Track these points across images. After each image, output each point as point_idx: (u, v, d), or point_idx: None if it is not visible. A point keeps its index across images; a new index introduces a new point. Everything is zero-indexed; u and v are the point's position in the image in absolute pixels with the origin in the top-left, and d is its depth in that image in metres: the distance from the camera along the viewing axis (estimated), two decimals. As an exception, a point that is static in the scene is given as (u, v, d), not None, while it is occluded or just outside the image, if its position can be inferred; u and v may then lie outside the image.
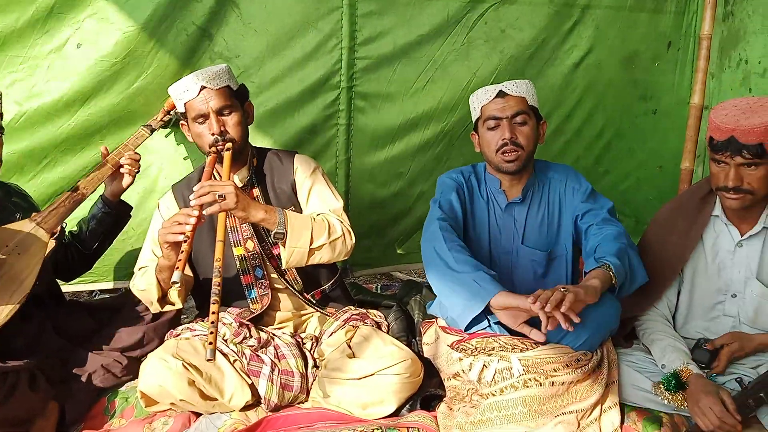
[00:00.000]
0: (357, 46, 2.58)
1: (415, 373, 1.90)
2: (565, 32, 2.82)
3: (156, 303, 1.97)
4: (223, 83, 1.99)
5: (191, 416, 1.90)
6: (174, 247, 1.81)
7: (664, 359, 1.86)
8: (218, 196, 1.78)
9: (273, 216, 1.88)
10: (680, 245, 1.99)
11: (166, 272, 1.90)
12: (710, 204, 1.97)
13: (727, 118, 1.75)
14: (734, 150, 1.73)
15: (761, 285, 1.89)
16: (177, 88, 2.00)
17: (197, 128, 1.99)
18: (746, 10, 2.77)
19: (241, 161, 2.08)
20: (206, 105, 1.95)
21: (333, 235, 1.94)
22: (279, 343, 2.04)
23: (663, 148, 3.17)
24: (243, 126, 2.03)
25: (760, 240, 1.90)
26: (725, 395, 1.69)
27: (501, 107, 2.02)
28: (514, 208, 2.14)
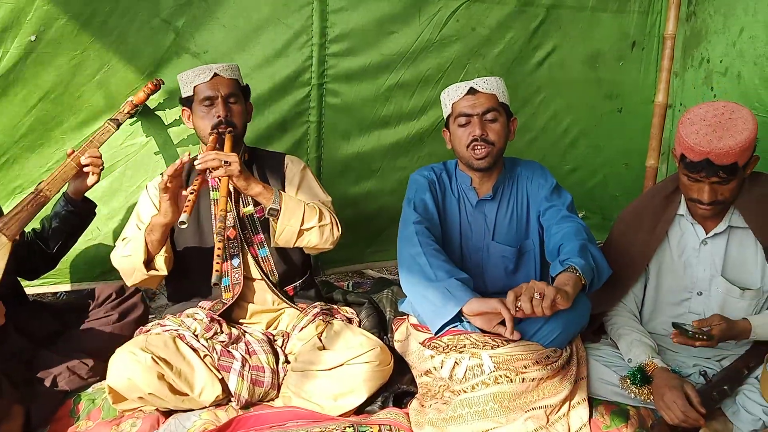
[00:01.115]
0: (328, 42, 2.56)
1: (384, 361, 1.92)
2: (531, 31, 2.85)
3: (140, 268, 1.97)
4: (233, 75, 2.12)
5: (160, 417, 1.88)
6: (173, 202, 1.90)
7: (630, 353, 1.89)
8: (224, 162, 1.89)
9: (269, 192, 1.98)
10: (645, 243, 2.02)
11: (158, 232, 1.95)
12: (675, 203, 2.00)
13: (699, 137, 1.72)
14: (709, 171, 1.72)
15: (726, 282, 1.92)
16: (189, 73, 2.09)
17: (202, 111, 2.06)
18: (708, 10, 2.84)
19: (235, 152, 2.07)
20: (216, 90, 2.06)
21: (323, 220, 2.03)
22: (250, 339, 2.05)
23: (629, 146, 3.23)
24: (244, 118, 2.14)
25: (725, 238, 1.93)
26: (689, 389, 1.72)
27: (472, 104, 2.03)
28: (485, 204, 2.15)
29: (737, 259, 1.93)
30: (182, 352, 1.90)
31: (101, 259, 2.44)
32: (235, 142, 2.07)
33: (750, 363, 1.87)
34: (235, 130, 2.07)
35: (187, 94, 2.10)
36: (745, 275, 1.92)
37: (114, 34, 2.26)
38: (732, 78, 2.70)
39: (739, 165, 1.72)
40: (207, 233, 2.12)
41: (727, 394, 1.80)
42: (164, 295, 2.32)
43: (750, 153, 1.74)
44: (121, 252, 2.04)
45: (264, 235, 2.15)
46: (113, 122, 2.21)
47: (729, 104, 1.77)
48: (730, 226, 1.91)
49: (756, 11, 2.54)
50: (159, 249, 1.99)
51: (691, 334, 1.76)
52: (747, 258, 1.92)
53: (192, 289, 2.15)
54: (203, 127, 2.07)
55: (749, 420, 1.75)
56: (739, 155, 1.69)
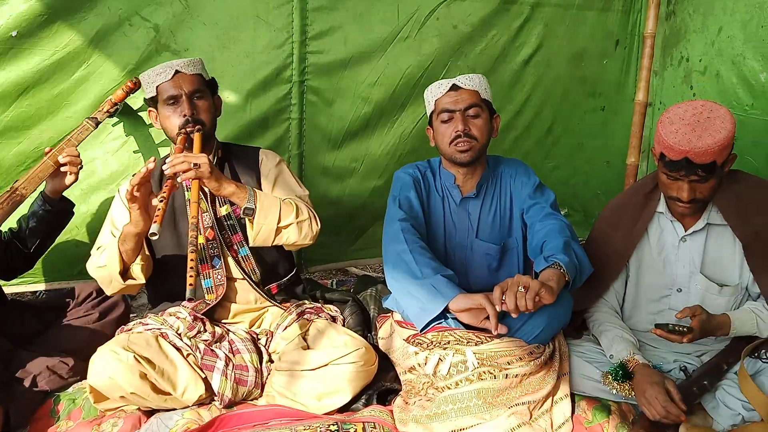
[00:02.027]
0: (308, 40, 2.55)
1: (369, 362, 1.92)
2: (515, 29, 2.85)
3: (117, 277, 1.92)
4: (196, 70, 2.04)
5: (141, 417, 1.86)
6: (144, 211, 1.83)
7: (612, 349, 1.91)
8: (193, 165, 1.81)
9: (243, 191, 1.92)
10: (625, 240, 2.03)
11: (131, 242, 1.88)
12: (654, 200, 2.01)
13: (678, 136, 1.73)
14: (688, 170, 1.74)
15: (705, 279, 1.94)
16: (150, 72, 2.02)
17: (167, 110, 2.00)
18: (687, 9, 2.87)
19: (206, 152, 2.04)
20: (179, 88, 1.99)
21: (300, 216, 1.97)
22: (234, 338, 2.03)
23: (610, 144, 3.25)
24: (212, 113, 2.07)
25: (703, 235, 1.95)
26: (670, 385, 1.74)
27: (454, 100, 2.03)
28: (469, 202, 2.16)
29: (716, 256, 1.95)
30: (165, 351, 1.88)
31: (80, 258, 2.40)
32: (205, 140, 2.01)
33: (729, 359, 1.89)
34: (204, 127, 2.00)
35: (151, 95, 2.03)
36: (724, 272, 1.95)
37: (94, 32, 2.23)
38: (711, 77, 2.74)
39: (718, 164, 1.73)
40: (184, 235, 2.06)
41: (707, 389, 1.82)
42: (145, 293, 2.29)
43: (728, 151, 1.76)
44: (96, 262, 1.97)
45: (243, 234, 2.10)
46: (92, 121, 2.18)
47: (707, 103, 1.79)
48: (709, 223, 1.93)
49: (734, 11, 2.57)
50: (134, 258, 1.93)
51: (671, 327, 1.78)
52: (725, 255, 1.94)
53: (172, 292, 2.09)
54: (170, 128, 2.01)
55: (728, 415, 1.78)
56: (717, 154, 1.71)
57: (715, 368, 1.87)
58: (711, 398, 1.82)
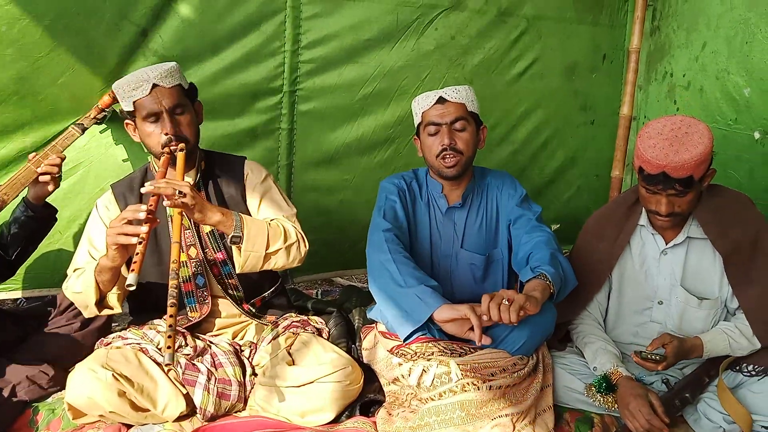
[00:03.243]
0: (301, 49, 2.54)
1: (355, 381, 1.90)
2: (511, 42, 2.87)
3: (92, 307, 1.87)
4: (175, 82, 1.93)
5: (122, 427, 1.84)
6: (122, 249, 1.73)
7: (595, 362, 1.92)
8: (178, 193, 1.73)
9: (229, 219, 1.84)
10: (608, 252, 2.05)
11: (107, 274, 1.81)
12: (636, 213, 2.03)
13: (656, 151, 1.75)
14: (666, 184, 1.76)
15: (685, 292, 1.96)
16: (124, 85, 1.90)
17: (148, 128, 1.91)
18: (671, 25, 2.90)
19: (190, 164, 2.02)
20: (159, 104, 1.88)
21: (288, 240, 1.92)
22: (216, 351, 1.99)
23: (599, 157, 3.28)
24: (195, 126, 1.98)
25: (684, 248, 1.97)
26: (653, 397, 1.75)
27: (440, 113, 2.04)
28: (454, 212, 2.17)
29: (696, 269, 1.97)
30: (145, 367, 1.85)
31: (62, 265, 2.36)
32: (189, 156, 1.94)
33: (710, 371, 1.91)
34: (188, 144, 1.92)
35: (128, 109, 1.92)
36: (704, 285, 1.96)
37: (79, 36, 2.20)
38: (694, 92, 2.77)
39: (695, 178, 1.75)
40: (165, 251, 2.01)
41: (688, 402, 1.83)
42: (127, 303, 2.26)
43: (706, 167, 1.78)
44: (73, 287, 1.90)
45: (226, 252, 2.03)
46: (78, 127, 2.16)
47: (686, 119, 1.81)
48: (689, 237, 1.95)
49: (718, 26, 2.60)
50: (111, 287, 1.86)
51: (644, 355, 1.81)
52: (705, 268, 1.96)
53: (154, 306, 2.01)
54: (152, 145, 1.93)
55: (710, 427, 1.79)
56: (694, 169, 1.73)
57: (697, 381, 1.89)
58: (692, 411, 1.83)
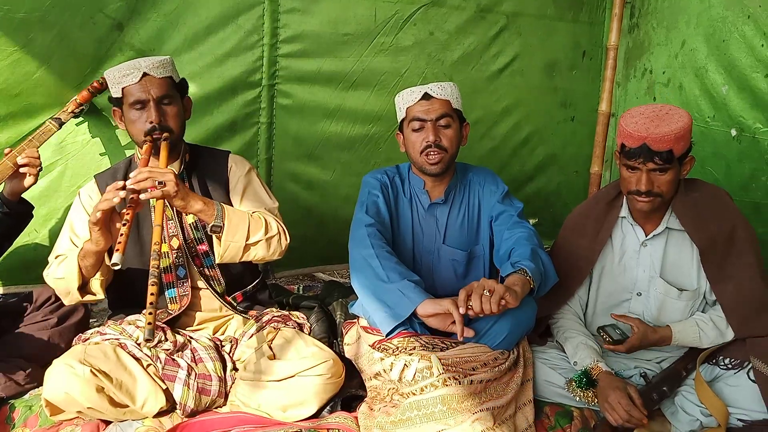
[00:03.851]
0: (279, 43, 2.53)
1: (336, 374, 1.89)
2: (491, 38, 2.88)
3: (75, 292, 1.86)
4: (166, 73, 1.94)
5: (100, 424, 1.82)
6: (105, 231, 1.75)
7: (576, 356, 1.93)
8: (158, 183, 1.73)
9: (211, 208, 1.85)
10: (590, 247, 2.07)
11: (91, 258, 1.81)
12: (617, 207, 2.06)
13: (637, 126, 1.81)
14: (647, 157, 1.80)
15: (665, 283, 1.98)
16: (116, 71, 1.92)
17: (133, 115, 1.91)
18: (651, 23, 2.93)
19: (174, 156, 2.01)
20: (147, 92, 1.89)
21: (269, 232, 1.92)
22: (196, 346, 1.98)
23: (579, 154, 3.31)
24: (181, 119, 1.99)
25: (663, 240, 2.00)
26: (632, 390, 1.77)
27: (426, 109, 2.04)
28: (437, 208, 2.17)
29: (675, 261, 1.99)
30: (123, 363, 1.83)
31: (38, 261, 2.33)
32: (172, 147, 1.94)
33: (688, 365, 1.94)
34: (172, 135, 1.93)
35: (117, 95, 1.93)
36: (682, 277, 1.99)
37: (55, 30, 2.16)
38: (674, 89, 2.80)
39: (675, 154, 1.79)
40: (147, 241, 1.99)
41: (666, 395, 1.86)
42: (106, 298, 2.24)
43: (685, 144, 1.82)
44: (54, 273, 1.89)
45: (209, 244, 2.03)
46: (55, 121, 2.14)
47: (666, 105, 1.88)
48: (668, 228, 1.98)
49: (697, 24, 2.64)
50: (94, 273, 1.86)
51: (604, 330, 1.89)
52: (684, 260, 1.99)
53: (134, 300, 1.98)
54: (136, 133, 1.93)
55: (687, 420, 1.82)
56: (674, 143, 1.78)
57: (674, 374, 1.92)
58: (670, 404, 1.86)
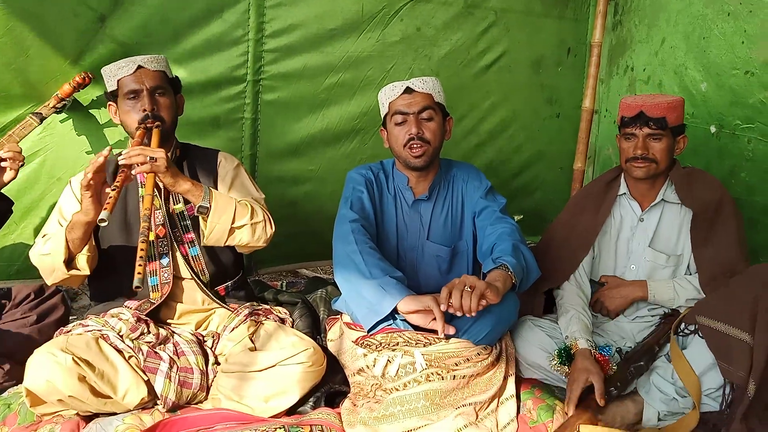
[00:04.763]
0: (265, 38, 2.51)
1: (317, 362, 1.90)
2: (478, 34, 2.88)
3: (60, 267, 1.88)
4: (160, 67, 2.03)
5: (80, 422, 1.80)
6: (96, 198, 1.81)
7: (567, 330, 1.99)
8: (149, 158, 1.80)
9: (199, 189, 1.92)
10: (592, 220, 2.20)
11: (80, 230, 1.86)
12: (616, 186, 2.21)
13: (635, 99, 2.07)
14: (642, 122, 2.01)
15: (653, 251, 2.13)
16: (112, 66, 2.00)
17: (127, 105, 1.98)
18: (633, 20, 2.95)
19: (165, 149, 1.99)
20: (141, 83, 1.97)
21: (255, 218, 1.98)
22: (178, 340, 1.99)
23: (564, 150, 3.32)
24: (173, 111, 2.06)
25: (658, 212, 2.14)
26: (596, 380, 1.80)
27: (408, 103, 2.05)
28: (420, 204, 2.18)
29: (666, 231, 2.14)
30: (105, 353, 1.82)
31: (18, 257, 2.32)
32: (164, 137, 1.99)
33: (660, 339, 2.01)
34: (164, 125, 1.99)
35: (112, 88, 2.01)
36: (670, 245, 2.13)
37: (35, 21, 2.13)
38: (653, 86, 2.83)
39: (668, 122, 2.00)
40: (134, 231, 2.04)
41: (643, 369, 1.92)
42: (87, 295, 2.22)
43: (678, 117, 2.03)
44: (41, 250, 1.92)
45: (195, 233, 2.08)
46: (36, 116, 2.13)
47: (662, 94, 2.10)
48: (664, 200, 2.12)
49: (677, 22, 2.66)
50: (81, 248, 1.90)
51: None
52: (674, 230, 2.13)
53: (117, 289, 2.06)
54: (129, 123, 1.99)
55: (661, 399, 1.84)
56: (667, 110, 2.00)
57: (648, 350, 1.99)
58: (645, 382, 1.91)
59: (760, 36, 2.31)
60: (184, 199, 2.05)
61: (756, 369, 1.72)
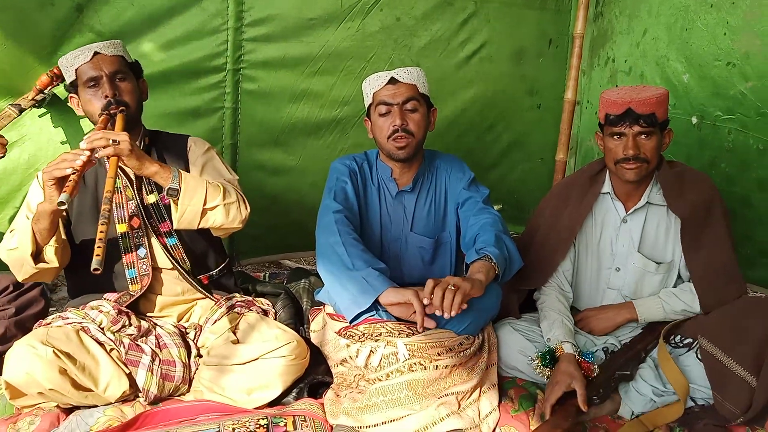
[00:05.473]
0: (244, 27, 2.49)
1: (300, 355, 1.90)
2: (458, 24, 2.87)
3: (28, 261, 1.84)
4: (117, 52, 1.97)
5: (60, 414, 1.79)
6: (59, 186, 1.73)
7: (549, 333, 1.97)
8: (112, 141, 1.73)
9: (167, 171, 1.85)
10: (572, 217, 2.11)
11: (45, 221, 1.80)
12: (600, 182, 2.10)
13: (621, 93, 1.93)
14: (632, 120, 1.88)
15: (642, 257, 2.04)
16: (68, 56, 1.94)
17: (88, 94, 1.92)
18: (614, 11, 2.96)
19: (132, 137, 1.94)
20: (99, 69, 1.91)
21: (227, 198, 1.92)
22: (161, 332, 1.97)
23: (545, 141, 3.34)
24: (137, 96, 1.99)
25: (643, 215, 2.05)
26: (579, 385, 1.77)
27: (392, 93, 2.03)
28: (404, 196, 2.17)
29: (652, 236, 2.06)
30: (86, 346, 1.80)
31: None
32: (129, 123, 1.92)
33: (647, 345, 1.98)
34: (128, 109, 1.92)
35: (71, 79, 1.95)
36: (658, 251, 2.06)
37: (11, 11, 2.10)
38: (635, 77, 2.84)
39: (657, 117, 1.88)
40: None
41: (630, 378, 1.89)
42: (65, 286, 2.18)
43: (665, 112, 1.92)
44: (8, 245, 1.88)
45: (171, 222, 2.01)
46: (15, 107, 2.11)
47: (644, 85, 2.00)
48: (649, 202, 2.04)
49: (659, 13, 2.68)
50: (48, 239, 1.84)
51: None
52: (660, 234, 2.05)
53: (94, 283, 1.99)
54: (93, 111, 1.92)
55: (640, 400, 1.86)
56: (656, 105, 1.87)
57: (636, 356, 1.96)
58: (624, 383, 1.91)
59: (743, 27, 2.33)
60: (158, 189, 2.00)
61: (754, 410, 1.71)
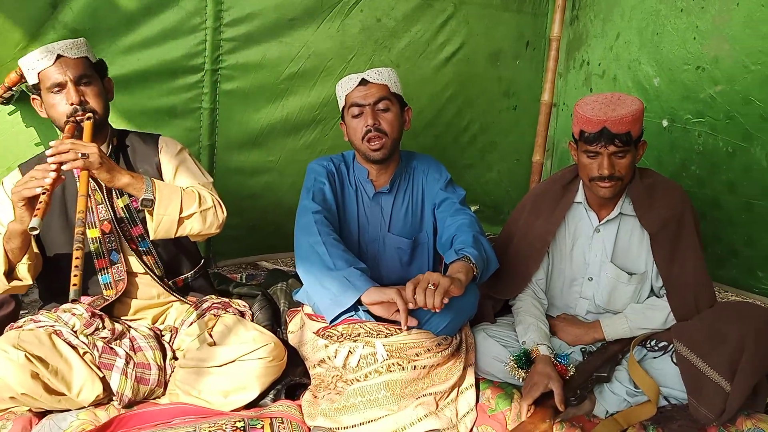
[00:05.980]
0: (223, 26, 2.47)
1: (278, 357, 1.89)
2: (438, 26, 2.88)
3: (1, 279, 1.80)
4: (81, 53, 1.90)
5: (33, 418, 1.76)
6: (29, 207, 1.69)
7: (525, 336, 1.98)
8: (81, 155, 1.69)
9: (140, 182, 1.81)
10: (545, 227, 2.10)
11: (17, 240, 1.76)
12: (573, 191, 2.09)
13: (595, 111, 1.86)
14: (607, 140, 1.84)
15: (615, 268, 2.04)
16: (29, 58, 1.86)
17: (52, 99, 1.86)
18: (589, 15, 3.00)
19: (101, 139, 1.94)
20: (63, 74, 1.85)
21: (203, 204, 1.89)
22: (135, 335, 1.95)
23: (521, 142, 3.37)
24: (103, 99, 1.94)
25: (615, 225, 2.05)
26: (556, 386, 1.79)
27: (363, 94, 2.04)
28: (382, 197, 2.18)
29: (625, 246, 2.06)
30: (59, 349, 1.78)
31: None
32: (97, 129, 1.87)
33: (624, 347, 2.00)
34: (96, 115, 1.87)
35: (34, 82, 1.88)
36: (631, 261, 2.06)
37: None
38: (608, 80, 2.89)
39: (633, 135, 1.85)
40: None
41: (606, 380, 1.92)
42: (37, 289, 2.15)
43: (640, 126, 1.88)
44: None
45: (143, 227, 1.99)
46: None
47: (617, 93, 1.96)
48: (621, 213, 2.04)
49: (631, 18, 2.72)
50: (21, 257, 1.81)
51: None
52: (633, 245, 2.05)
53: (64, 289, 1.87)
54: (57, 117, 1.87)
55: (614, 401, 1.89)
56: (632, 124, 1.83)
57: (612, 358, 1.98)
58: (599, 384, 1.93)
59: (712, 32, 2.37)
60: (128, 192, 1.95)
61: (728, 414, 1.73)
